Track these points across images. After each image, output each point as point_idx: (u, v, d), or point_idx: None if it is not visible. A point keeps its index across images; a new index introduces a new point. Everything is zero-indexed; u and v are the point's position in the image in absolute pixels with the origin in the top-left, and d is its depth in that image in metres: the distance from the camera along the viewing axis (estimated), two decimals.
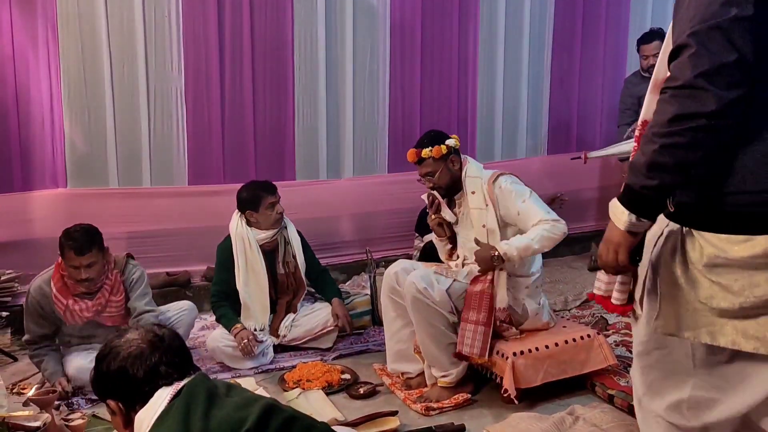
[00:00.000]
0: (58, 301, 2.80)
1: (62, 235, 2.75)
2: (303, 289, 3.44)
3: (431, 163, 2.78)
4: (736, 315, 1.30)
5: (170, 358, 1.42)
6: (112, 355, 1.42)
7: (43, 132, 3.72)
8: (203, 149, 4.07)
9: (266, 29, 4.12)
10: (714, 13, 1.21)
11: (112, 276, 2.86)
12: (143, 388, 1.39)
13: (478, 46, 4.76)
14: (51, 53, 3.68)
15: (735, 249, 1.28)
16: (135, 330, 1.47)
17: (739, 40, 1.20)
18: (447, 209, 2.84)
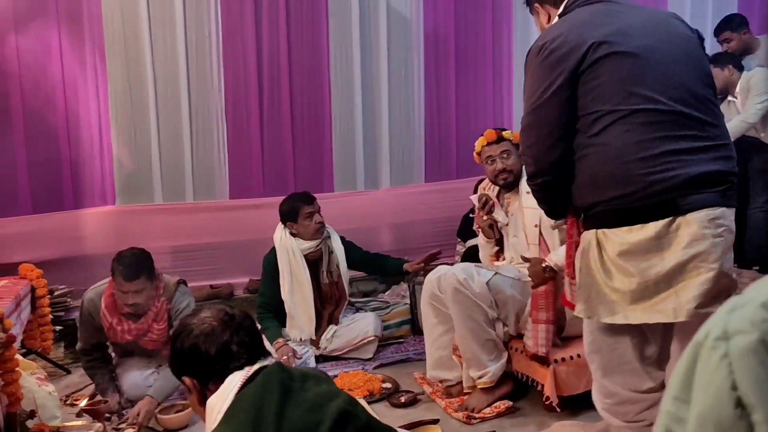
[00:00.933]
0: (104, 317, 2.86)
1: (114, 258, 2.78)
2: (345, 299, 3.47)
3: (509, 145, 2.77)
4: (643, 295, 1.67)
5: (241, 337, 1.44)
6: (185, 333, 1.46)
7: (92, 152, 3.88)
8: (243, 164, 4.17)
9: (302, 45, 4.21)
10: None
11: (159, 303, 2.85)
12: (215, 365, 1.42)
13: (512, 52, 4.75)
14: (99, 76, 3.84)
15: (633, 236, 1.67)
16: (208, 309, 1.50)
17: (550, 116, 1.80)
18: (500, 210, 2.81)
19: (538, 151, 1.83)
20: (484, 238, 2.90)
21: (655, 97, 1.69)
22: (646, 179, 1.67)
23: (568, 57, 1.74)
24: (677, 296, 1.64)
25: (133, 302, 2.75)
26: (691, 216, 1.64)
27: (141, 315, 2.84)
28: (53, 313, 3.52)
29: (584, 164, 1.77)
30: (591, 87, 1.73)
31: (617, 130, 1.70)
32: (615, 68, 1.72)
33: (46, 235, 3.73)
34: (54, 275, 3.67)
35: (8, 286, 2.46)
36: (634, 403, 1.85)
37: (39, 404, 2.49)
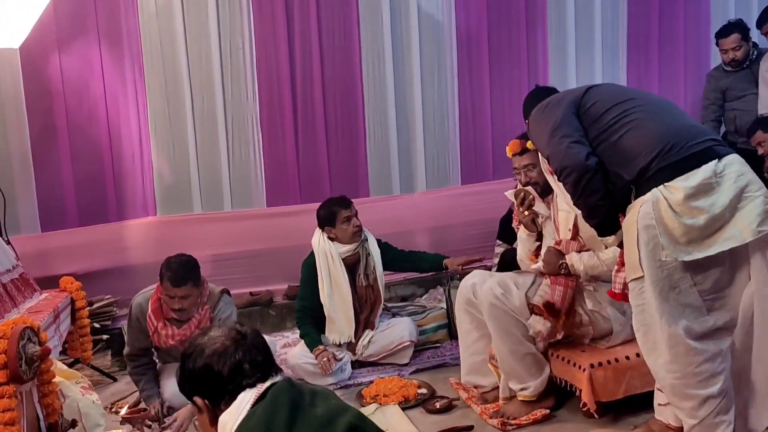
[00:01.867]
0: (150, 321, 2.94)
1: (163, 264, 2.85)
2: (380, 302, 3.47)
3: (533, 156, 2.69)
4: (711, 230, 1.91)
5: (253, 355, 1.43)
6: (197, 352, 1.44)
7: (133, 165, 4.00)
8: (279, 172, 4.22)
9: (334, 51, 4.24)
10: None
11: (203, 311, 2.91)
12: (227, 385, 1.40)
13: (547, 52, 4.67)
14: (138, 91, 3.95)
15: (693, 180, 1.93)
16: (218, 328, 1.49)
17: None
18: (541, 202, 2.75)
19: (570, 158, 2.08)
20: (525, 231, 2.82)
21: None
22: (682, 132, 2.00)
23: (568, 96, 2.22)
24: (738, 222, 1.90)
25: (180, 307, 2.82)
26: (730, 158, 1.98)
27: (185, 321, 2.90)
28: (100, 322, 3.66)
29: (622, 142, 2.05)
30: (594, 102, 2.15)
31: (637, 110, 2.07)
32: (610, 87, 2.27)
33: (91, 248, 3.86)
34: (99, 286, 3.80)
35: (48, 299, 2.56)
36: (697, 354, 1.95)
37: (83, 413, 2.56)
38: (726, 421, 1.97)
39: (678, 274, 1.96)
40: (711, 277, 1.96)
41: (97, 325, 3.58)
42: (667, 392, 2.08)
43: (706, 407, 1.96)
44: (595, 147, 2.10)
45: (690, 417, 2.00)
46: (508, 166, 4.65)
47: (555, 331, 2.55)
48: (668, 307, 1.96)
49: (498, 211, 4.25)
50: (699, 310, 1.97)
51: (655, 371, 2.08)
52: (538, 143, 2.29)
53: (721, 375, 1.96)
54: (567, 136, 2.10)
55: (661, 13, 4.85)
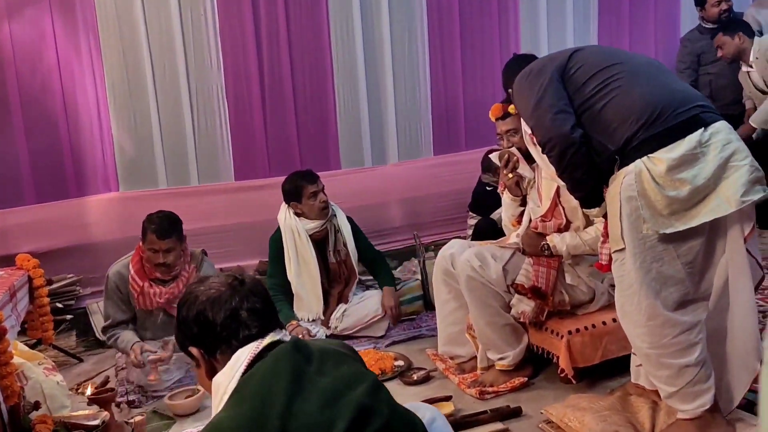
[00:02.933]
0: (134, 282, 2.90)
1: (145, 220, 2.88)
2: (354, 277, 3.41)
3: (516, 121, 2.61)
4: (694, 201, 1.87)
5: (251, 303, 1.33)
6: (191, 299, 1.35)
7: (92, 138, 3.84)
8: (247, 144, 4.11)
9: (302, 19, 4.11)
10: None
11: (189, 269, 2.95)
12: (222, 333, 1.31)
13: (519, 18, 4.61)
14: (94, 60, 3.78)
15: (677, 151, 1.87)
16: (216, 276, 1.41)
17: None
18: (525, 164, 2.67)
19: (555, 130, 1.99)
20: (509, 196, 2.78)
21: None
22: (668, 99, 1.92)
23: (552, 63, 2.10)
24: (722, 192, 1.86)
25: (164, 261, 2.83)
26: (717, 125, 1.91)
27: (170, 280, 2.91)
28: (63, 302, 3.53)
29: (607, 110, 1.97)
30: (578, 67, 2.04)
31: (621, 75, 1.99)
32: (595, 50, 2.16)
33: (50, 225, 3.72)
34: (61, 264, 3.66)
35: (3, 277, 2.44)
36: (674, 325, 1.93)
37: (47, 395, 2.47)
38: (705, 389, 1.96)
39: (660, 246, 1.91)
40: (694, 249, 1.92)
41: (60, 305, 3.46)
42: (643, 361, 2.06)
43: (685, 376, 1.94)
44: (579, 115, 2.02)
45: (667, 385, 1.99)
46: (480, 136, 4.65)
47: (540, 312, 2.53)
48: (649, 279, 1.92)
49: (471, 182, 4.21)
50: (681, 282, 1.94)
51: (632, 340, 2.06)
52: (523, 113, 2.21)
53: (699, 345, 1.94)
54: (551, 106, 2.01)
55: None
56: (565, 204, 2.52)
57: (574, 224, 2.52)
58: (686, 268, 1.93)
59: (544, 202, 2.57)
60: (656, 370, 2.00)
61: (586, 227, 2.50)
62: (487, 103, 4.46)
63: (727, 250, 1.94)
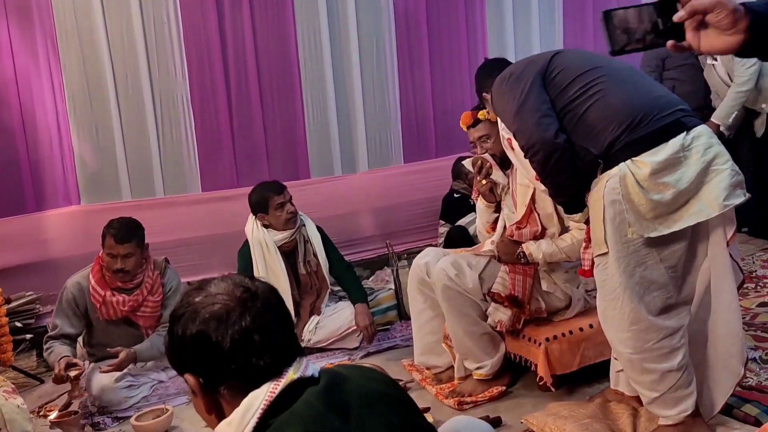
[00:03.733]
0: (95, 293, 2.82)
1: (106, 225, 2.85)
2: (326, 288, 3.35)
3: (488, 126, 2.59)
4: (677, 205, 1.86)
5: (266, 322, 1.06)
6: (189, 314, 1.08)
7: (51, 150, 3.69)
8: (214, 154, 4.01)
9: (268, 27, 4.04)
10: None
11: (153, 276, 2.91)
12: (229, 363, 1.04)
13: (486, 28, 4.62)
14: (53, 70, 3.64)
15: (660, 155, 1.87)
16: (221, 282, 1.11)
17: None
18: (499, 171, 2.64)
19: (538, 135, 1.97)
20: (483, 203, 2.74)
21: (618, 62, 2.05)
22: (650, 103, 1.93)
23: (532, 66, 2.08)
24: (704, 197, 1.87)
25: (122, 266, 2.78)
26: (698, 129, 1.92)
27: (133, 288, 2.86)
28: (22, 321, 3.39)
29: (589, 113, 1.96)
30: (559, 71, 2.03)
31: (603, 79, 1.99)
32: (575, 54, 2.16)
33: (8, 241, 3.55)
34: (20, 282, 3.51)
35: None
36: (657, 330, 1.92)
37: (7, 419, 2.35)
38: (687, 395, 1.95)
39: (644, 250, 1.90)
40: (677, 253, 1.92)
41: (19, 324, 3.31)
42: (626, 367, 2.05)
43: (667, 381, 1.93)
44: (561, 118, 2.01)
45: (649, 390, 1.97)
46: (450, 144, 4.64)
47: (517, 320, 2.50)
48: (632, 284, 1.91)
49: (442, 190, 4.19)
50: (665, 286, 1.93)
51: (614, 345, 2.05)
52: (503, 118, 2.18)
53: (681, 350, 1.94)
54: (535, 111, 1.99)
55: None
56: (540, 211, 2.50)
57: (550, 231, 2.50)
58: (669, 272, 1.92)
59: (519, 208, 2.55)
60: (639, 375, 1.98)
61: (562, 234, 2.49)
62: (456, 111, 4.48)
63: (709, 254, 1.94)
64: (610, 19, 1.09)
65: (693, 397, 1.96)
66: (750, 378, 2.32)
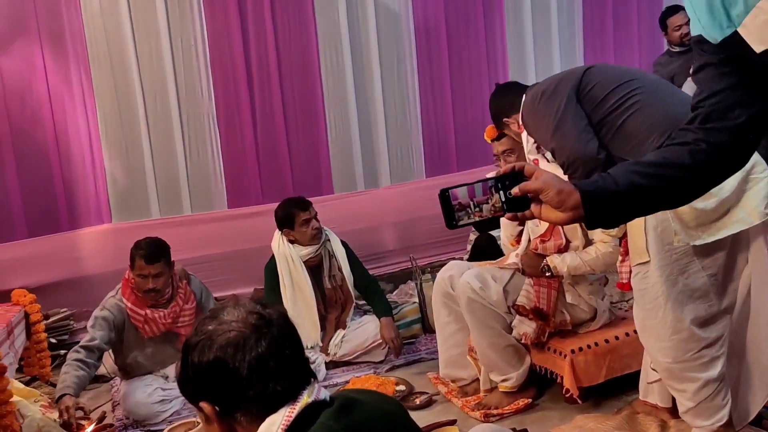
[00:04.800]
0: (135, 314, 2.87)
1: (133, 247, 2.89)
2: (351, 302, 3.39)
3: (512, 141, 2.61)
4: (719, 214, 1.87)
5: (281, 349, 1.08)
6: (204, 342, 1.09)
7: (84, 170, 3.81)
8: (239, 171, 4.09)
9: (291, 46, 4.13)
10: None
11: (183, 285, 2.99)
12: (246, 390, 1.06)
13: (506, 41, 4.67)
14: (86, 92, 3.76)
15: None
16: (232, 309, 1.13)
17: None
18: None
19: (579, 151, 1.99)
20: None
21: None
22: (688, 114, 1.86)
23: (565, 82, 2.09)
24: (745, 205, 1.89)
25: (153, 286, 2.82)
26: None
27: (167, 302, 2.92)
28: (56, 337, 3.48)
29: (628, 124, 1.97)
30: (594, 84, 2.05)
31: (640, 90, 2.00)
32: (608, 68, 2.18)
33: (43, 259, 3.66)
34: (54, 299, 3.60)
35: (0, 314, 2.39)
36: (698, 340, 1.93)
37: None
38: (723, 404, 1.95)
39: (687, 258, 1.92)
40: (718, 260, 1.93)
41: (53, 341, 3.40)
42: (665, 376, 2.05)
43: (705, 390, 1.93)
44: (598, 131, 2.02)
45: (688, 400, 1.97)
46: (471, 157, 4.67)
47: (542, 333, 2.52)
48: (675, 292, 1.93)
49: None
50: (706, 294, 1.94)
51: (653, 355, 2.05)
52: (539, 136, 2.19)
53: (721, 359, 1.95)
54: (574, 127, 2.01)
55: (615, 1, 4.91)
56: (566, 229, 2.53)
57: (574, 244, 2.53)
58: (711, 281, 1.94)
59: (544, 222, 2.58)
60: (678, 384, 1.99)
61: (586, 247, 2.51)
62: (477, 124, 4.53)
63: (750, 262, 1.95)
64: (447, 198, 1.13)
65: (728, 407, 1.96)
66: None
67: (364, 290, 3.42)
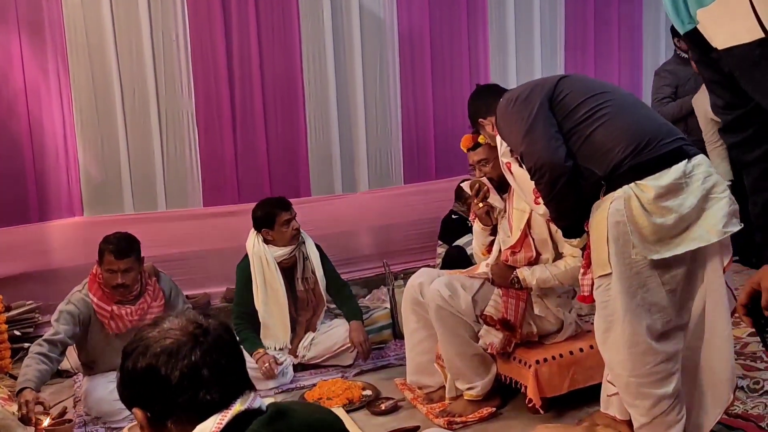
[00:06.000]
0: (101, 310, 2.84)
1: (102, 242, 2.85)
2: (323, 305, 3.38)
3: (487, 151, 2.62)
4: (678, 230, 1.91)
5: (215, 358, 1.09)
6: (140, 349, 1.11)
7: (57, 162, 3.77)
8: (217, 170, 4.07)
9: (274, 46, 4.13)
10: None
11: (152, 282, 2.97)
12: (177, 397, 1.07)
13: (488, 50, 4.71)
14: (62, 84, 3.73)
15: (663, 180, 1.92)
16: (174, 318, 1.15)
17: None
18: (496, 195, 2.67)
19: (547, 158, 2.01)
20: (479, 225, 2.77)
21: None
22: (655, 129, 1.99)
23: (539, 90, 2.12)
24: (704, 223, 1.92)
25: (122, 281, 2.79)
26: (698, 158, 1.99)
27: (135, 298, 2.90)
28: (21, 329, 3.42)
29: (596, 135, 2.00)
30: (567, 93, 2.08)
31: (611, 103, 2.04)
32: (581, 78, 2.23)
33: (10, 250, 3.61)
34: (20, 291, 3.56)
35: None
36: (655, 353, 1.95)
37: (2, 425, 2.38)
38: (677, 420, 1.97)
39: (646, 272, 1.93)
40: (677, 277, 1.95)
41: (17, 333, 3.35)
42: (622, 390, 2.06)
43: (660, 407, 1.95)
44: (567, 139, 2.05)
45: (642, 415, 1.99)
46: (450, 166, 4.69)
47: (508, 344, 2.53)
48: (633, 305, 1.94)
49: (441, 211, 4.24)
50: (664, 309, 1.96)
51: (612, 367, 2.07)
52: (510, 141, 2.21)
53: (676, 375, 1.96)
54: (544, 134, 2.03)
55: (597, 13, 4.97)
56: (535, 236, 2.54)
57: (544, 257, 2.55)
58: (669, 296, 1.96)
59: (514, 232, 2.59)
60: (634, 399, 2.01)
61: (555, 260, 2.52)
62: (457, 133, 4.53)
63: (705, 281, 1.98)
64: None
65: (682, 423, 1.98)
66: (737, 406, 2.34)
67: (335, 294, 3.41)
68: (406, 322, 2.83)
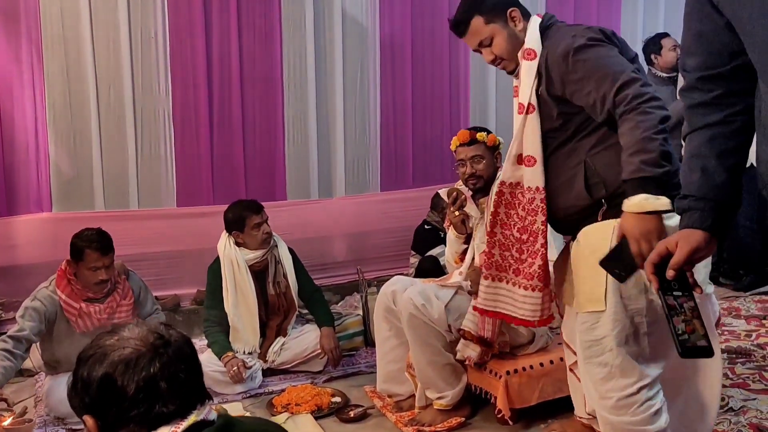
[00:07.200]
0: (69, 307, 2.79)
1: (78, 240, 2.80)
2: (294, 310, 3.35)
3: (483, 149, 2.60)
4: None
5: (174, 371, 1.07)
6: (97, 357, 1.07)
7: (27, 156, 3.69)
8: (192, 170, 4.03)
9: (254, 49, 4.11)
10: None
11: (122, 280, 2.94)
12: (131, 408, 1.04)
13: (469, 61, 4.73)
14: (36, 77, 3.65)
15: (668, 223, 1.66)
16: (135, 327, 1.12)
17: None
18: (472, 204, 2.66)
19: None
20: (454, 233, 2.76)
21: None
22: None
23: None
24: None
25: (106, 277, 2.79)
26: None
27: (104, 296, 2.86)
28: None
29: (617, 148, 1.79)
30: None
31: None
32: None
33: None
34: None
35: None
36: (642, 378, 1.84)
37: None
38: None
39: (638, 317, 1.82)
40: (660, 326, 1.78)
41: None
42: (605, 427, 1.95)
43: None
44: (598, 129, 1.90)
45: None
46: (427, 175, 4.71)
47: (486, 354, 2.53)
48: (624, 351, 1.82)
49: (417, 219, 4.24)
50: (647, 335, 1.84)
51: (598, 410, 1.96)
52: (601, 62, 1.91)
53: (663, 410, 1.87)
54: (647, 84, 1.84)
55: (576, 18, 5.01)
56: None
57: None
58: (651, 346, 1.85)
59: None
60: None
61: None
62: (435, 142, 4.57)
63: None
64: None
65: None
66: None
67: (307, 299, 3.39)
68: (378, 329, 2.82)
